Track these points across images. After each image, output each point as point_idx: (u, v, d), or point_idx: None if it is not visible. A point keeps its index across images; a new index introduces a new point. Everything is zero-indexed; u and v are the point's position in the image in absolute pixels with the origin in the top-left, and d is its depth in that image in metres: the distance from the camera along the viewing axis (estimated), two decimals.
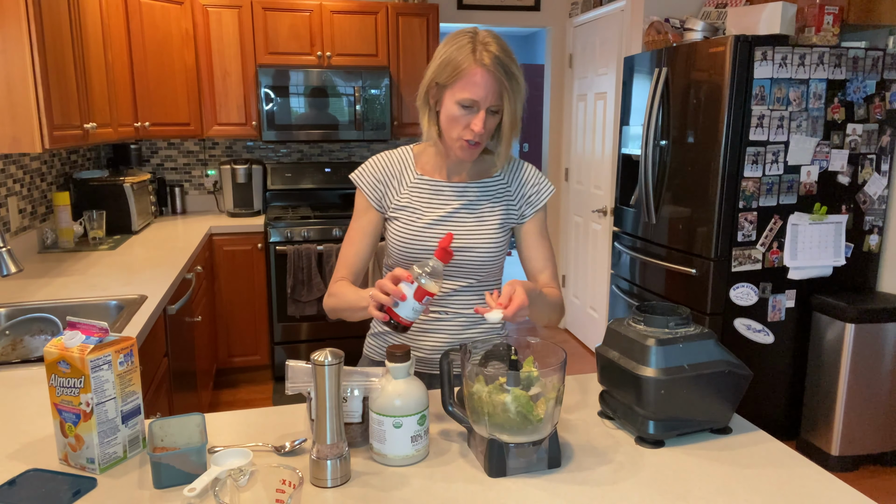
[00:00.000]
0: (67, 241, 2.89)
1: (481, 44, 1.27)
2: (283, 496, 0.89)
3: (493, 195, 1.45)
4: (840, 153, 2.82)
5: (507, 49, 1.29)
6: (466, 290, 1.46)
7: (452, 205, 1.43)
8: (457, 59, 1.28)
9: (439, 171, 1.45)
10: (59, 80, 2.24)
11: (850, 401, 2.78)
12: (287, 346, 3.74)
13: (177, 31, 3.59)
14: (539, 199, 1.47)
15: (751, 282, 2.83)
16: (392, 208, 1.44)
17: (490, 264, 1.44)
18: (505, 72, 1.27)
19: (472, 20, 4.38)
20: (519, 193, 1.47)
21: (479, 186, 1.45)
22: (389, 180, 1.45)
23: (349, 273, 1.44)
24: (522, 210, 1.47)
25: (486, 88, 1.27)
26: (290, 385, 1.11)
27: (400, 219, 1.43)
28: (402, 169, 1.46)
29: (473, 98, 1.28)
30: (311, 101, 3.78)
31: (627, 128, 3.46)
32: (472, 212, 1.43)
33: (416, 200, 1.43)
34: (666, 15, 3.45)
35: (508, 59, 1.28)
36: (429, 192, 1.43)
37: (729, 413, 1.20)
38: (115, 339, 1.07)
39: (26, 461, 1.08)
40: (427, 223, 1.41)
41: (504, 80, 1.27)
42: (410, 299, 1.14)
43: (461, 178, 1.45)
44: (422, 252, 1.41)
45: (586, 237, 4.41)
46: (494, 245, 1.43)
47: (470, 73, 1.27)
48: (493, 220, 1.43)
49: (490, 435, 1.04)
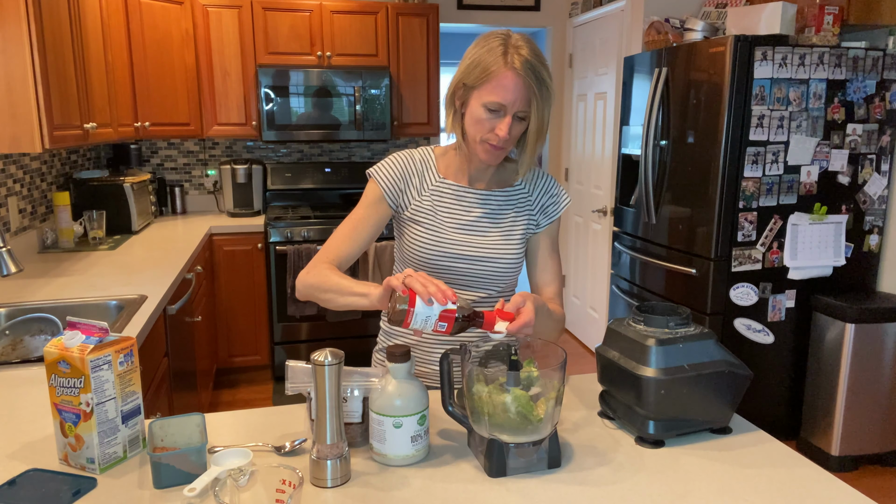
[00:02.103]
0: (67, 241, 2.89)
1: (513, 47, 1.23)
2: (283, 496, 0.89)
3: (516, 205, 1.42)
4: (840, 153, 2.82)
5: (540, 54, 1.25)
6: (485, 301, 1.41)
7: (475, 213, 1.39)
8: (487, 60, 1.24)
9: (462, 175, 1.41)
10: (59, 80, 2.24)
11: (850, 401, 2.78)
12: (287, 346, 3.74)
13: (177, 31, 3.59)
14: (556, 209, 1.44)
15: (751, 282, 2.83)
16: (412, 209, 1.39)
17: (511, 275, 1.41)
18: (536, 77, 1.22)
19: (472, 20, 4.38)
20: (538, 202, 1.44)
21: (503, 195, 1.41)
22: (410, 178, 1.40)
23: (335, 260, 1.34)
24: (538, 219, 1.43)
25: (515, 93, 1.23)
26: (290, 385, 1.11)
27: (421, 223, 1.38)
28: (424, 170, 1.41)
29: (501, 102, 1.24)
30: (311, 101, 3.78)
31: (627, 128, 3.46)
32: (496, 221, 1.39)
33: (438, 204, 1.38)
34: (666, 15, 3.45)
35: (540, 65, 1.23)
36: (451, 198, 1.39)
37: (729, 413, 1.20)
38: (115, 339, 1.07)
39: (26, 461, 1.08)
40: (452, 229, 1.37)
41: (534, 86, 1.23)
42: (436, 312, 1.06)
43: (484, 185, 1.41)
44: (442, 258, 1.37)
45: (586, 237, 4.41)
46: (517, 256, 1.40)
47: (499, 76, 1.23)
48: (516, 232, 1.40)
49: (490, 435, 1.04)
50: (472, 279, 1.39)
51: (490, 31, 1.28)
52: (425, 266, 1.38)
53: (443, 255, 1.37)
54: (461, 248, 1.37)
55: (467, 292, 1.40)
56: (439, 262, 1.37)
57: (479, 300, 1.41)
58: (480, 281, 1.39)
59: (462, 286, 1.40)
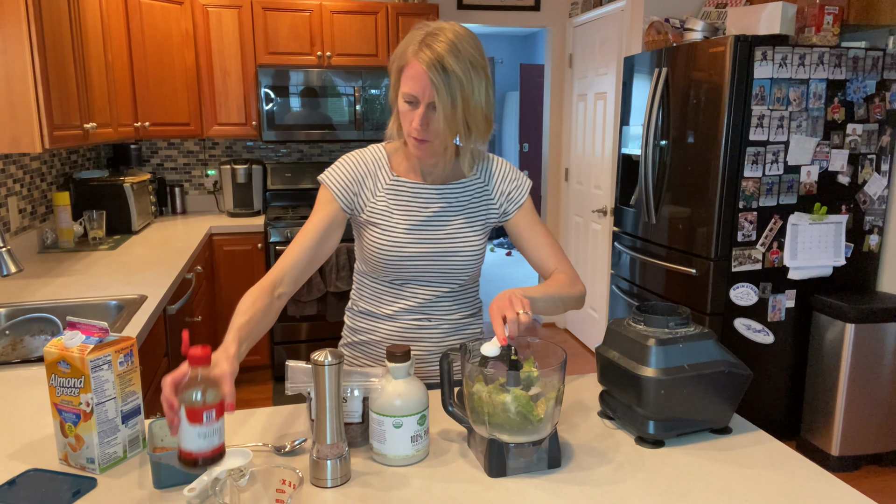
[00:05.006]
0: (67, 241, 2.89)
1: (430, 36, 1.20)
2: (283, 496, 0.89)
3: (472, 196, 1.40)
4: (840, 153, 2.82)
5: (459, 44, 1.20)
6: (448, 296, 1.41)
7: (432, 208, 1.37)
8: (404, 51, 1.23)
9: (414, 172, 1.38)
10: (59, 80, 2.24)
11: (850, 401, 2.78)
12: (287, 346, 3.74)
13: (177, 31, 3.59)
14: (520, 193, 1.42)
15: (751, 282, 2.83)
16: (368, 211, 1.36)
17: (472, 268, 1.40)
18: (441, 67, 1.18)
19: (472, 20, 4.38)
20: (498, 191, 1.41)
21: (459, 187, 1.39)
22: (364, 180, 1.36)
23: (281, 272, 1.27)
24: (504, 208, 1.41)
25: (423, 83, 1.20)
26: (290, 385, 1.11)
27: (379, 224, 1.35)
28: (377, 169, 1.38)
29: (412, 93, 1.22)
30: (312, 101, 3.79)
31: (627, 128, 3.46)
32: (454, 214, 1.38)
33: (394, 204, 1.36)
34: (666, 15, 3.45)
35: (450, 54, 1.18)
36: (407, 195, 1.37)
37: (729, 413, 1.20)
38: (115, 339, 1.07)
39: (26, 461, 1.08)
40: (408, 228, 1.35)
41: (438, 76, 1.18)
42: (185, 425, 0.89)
43: (437, 179, 1.39)
44: (403, 259, 1.35)
45: (586, 237, 4.41)
46: (478, 248, 1.39)
47: (410, 67, 1.21)
48: (475, 223, 1.39)
49: (490, 435, 1.04)
50: (433, 275, 1.38)
51: (423, 21, 1.26)
52: (386, 267, 1.36)
53: (402, 256, 1.35)
54: (420, 245, 1.35)
55: (432, 289, 1.39)
56: (400, 263, 1.35)
57: (443, 295, 1.41)
58: (442, 276, 1.39)
59: (424, 283, 1.39)
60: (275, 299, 1.24)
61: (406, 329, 1.42)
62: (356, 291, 1.49)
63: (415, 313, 1.41)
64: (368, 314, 1.45)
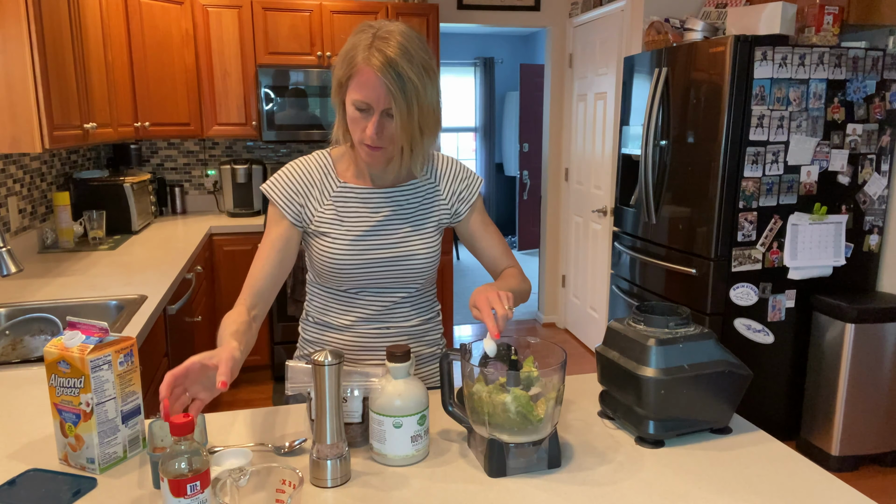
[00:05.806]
0: (67, 241, 2.89)
1: (380, 39, 1.15)
2: (283, 496, 0.89)
3: (424, 197, 1.37)
4: (840, 153, 2.82)
5: (408, 46, 1.16)
6: (406, 302, 1.38)
7: (383, 212, 1.33)
8: (351, 56, 1.17)
9: (362, 176, 1.34)
10: (59, 80, 2.24)
11: (850, 401, 2.78)
12: (287, 346, 3.74)
13: (177, 31, 3.59)
14: (471, 193, 1.40)
15: (751, 282, 2.83)
16: (316, 222, 1.31)
17: (428, 271, 1.37)
18: (396, 74, 1.13)
19: (472, 20, 4.38)
20: (449, 190, 1.38)
21: (409, 189, 1.35)
22: (310, 190, 1.31)
23: (251, 295, 1.26)
24: (456, 208, 1.39)
25: (378, 91, 1.15)
26: (290, 385, 1.11)
27: (328, 234, 1.31)
28: (323, 177, 1.33)
29: (365, 100, 1.17)
30: (312, 102, 3.79)
31: (627, 128, 3.46)
32: (406, 217, 1.34)
33: (343, 212, 1.31)
34: (666, 15, 3.45)
35: (404, 59, 1.14)
36: (356, 202, 1.32)
37: (729, 413, 1.20)
38: (115, 339, 1.07)
39: (26, 461, 1.08)
40: (359, 235, 1.30)
41: (394, 83, 1.14)
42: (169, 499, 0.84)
43: (386, 182, 1.34)
44: (355, 267, 1.31)
45: (586, 237, 4.41)
46: (432, 249, 1.35)
47: (361, 73, 1.15)
48: (428, 224, 1.36)
49: (490, 435, 1.04)
50: (388, 281, 1.34)
51: (365, 22, 1.21)
52: (338, 277, 1.32)
53: (356, 264, 1.31)
54: (373, 252, 1.31)
55: (388, 295, 1.36)
56: (352, 272, 1.32)
57: (400, 300, 1.38)
58: (398, 282, 1.35)
59: (380, 290, 1.35)
60: (252, 320, 1.23)
61: (364, 338, 1.38)
62: (309, 302, 1.44)
63: (372, 322, 1.37)
64: (324, 325, 1.40)
